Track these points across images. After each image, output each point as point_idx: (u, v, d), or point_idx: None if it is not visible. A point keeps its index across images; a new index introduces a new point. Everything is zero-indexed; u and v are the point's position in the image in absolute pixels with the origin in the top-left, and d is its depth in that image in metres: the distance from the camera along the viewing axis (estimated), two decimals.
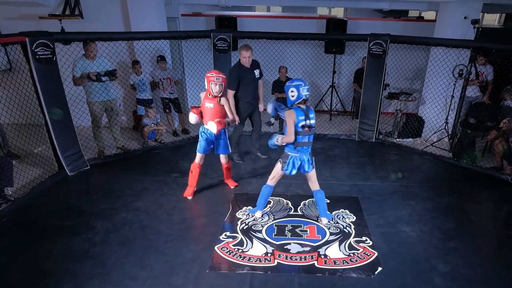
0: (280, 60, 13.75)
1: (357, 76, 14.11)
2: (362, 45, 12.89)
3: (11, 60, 12.05)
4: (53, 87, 9.17)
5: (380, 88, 11.90)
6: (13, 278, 6.21)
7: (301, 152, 7.35)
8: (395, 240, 7.35)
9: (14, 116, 9.04)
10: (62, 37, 9.55)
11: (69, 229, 7.52)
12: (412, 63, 12.48)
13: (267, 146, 7.64)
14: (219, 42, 11.68)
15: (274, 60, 13.56)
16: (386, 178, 9.91)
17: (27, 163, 9.72)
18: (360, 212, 8.27)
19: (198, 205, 8.60)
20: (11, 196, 8.59)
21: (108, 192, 8.97)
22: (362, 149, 11.89)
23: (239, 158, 10.83)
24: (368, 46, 11.67)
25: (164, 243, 7.18)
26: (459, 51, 10.99)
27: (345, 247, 7.09)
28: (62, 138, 9.58)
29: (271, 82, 13.38)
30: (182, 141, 12.21)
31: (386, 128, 13.29)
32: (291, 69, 13.62)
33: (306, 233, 7.57)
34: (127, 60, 12.60)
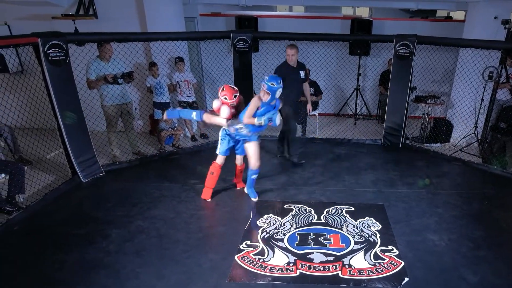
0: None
1: (382, 79, 14.00)
2: (388, 46, 12.86)
3: (23, 62, 12.11)
4: (67, 90, 9.14)
5: (406, 91, 11.76)
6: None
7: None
8: (422, 249, 7.25)
9: (26, 121, 9.08)
10: (75, 38, 9.57)
11: (82, 238, 7.47)
12: (440, 65, 12.37)
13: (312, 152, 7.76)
14: (239, 43, 11.61)
15: None
16: (413, 184, 9.78)
17: (39, 169, 9.66)
18: (386, 220, 8.18)
19: (217, 213, 8.56)
20: (22, 203, 8.57)
21: (123, 199, 8.93)
22: (388, 155, 11.81)
23: (298, 158, 10.91)
24: (394, 47, 11.52)
25: (181, 252, 7.11)
26: (489, 52, 10.91)
27: (371, 257, 7.01)
28: (76, 143, 9.55)
29: None
30: (201, 146, 12.18)
31: (413, 132, 13.21)
32: (314, 71, 13.50)
33: (330, 242, 7.47)
34: (144, 62, 12.59)
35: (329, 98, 14.78)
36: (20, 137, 9.83)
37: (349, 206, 8.69)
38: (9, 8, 12.33)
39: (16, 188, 8.41)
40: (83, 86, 10.01)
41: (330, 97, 14.99)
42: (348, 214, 8.41)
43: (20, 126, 9.52)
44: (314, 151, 11.70)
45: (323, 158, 11.30)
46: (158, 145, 12.04)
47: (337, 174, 10.28)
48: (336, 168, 10.58)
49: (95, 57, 10.20)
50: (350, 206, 8.65)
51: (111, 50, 10.22)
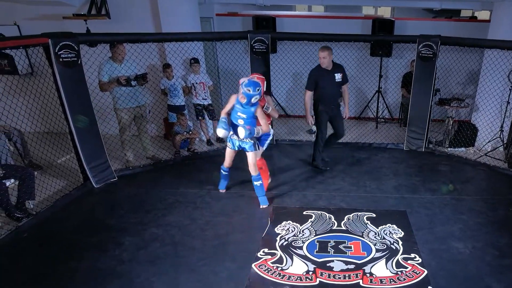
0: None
1: (405, 81, 13.90)
2: (411, 47, 12.76)
3: (33, 63, 12.08)
4: (78, 93, 9.09)
5: (430, 94, 11.67)
6: None
7: None
8: (446, 257, 7.17)
9: (36, 124, 9.07)
10: (87, 38, 9.50)
11: (95, 246, 7.41)
12: (465, 67, 12.30)
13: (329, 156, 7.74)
14: (257, 44, 11.54)
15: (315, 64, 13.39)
16: (436, 190, 9.70)
17: (50, 174, 9.63)
18: (409, 227, 8.09)
19: (234, 220, 8.44)
20: (32, 209, 8.53)
21: (137, 205, 8.87)
22: (410, 159, 11.71)
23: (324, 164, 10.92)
24: (417, 48, 11.44)
25: (197, 260, 7.05)
26: None
27: (393, 265, 6.93)
28: (88, 147, 9.50)
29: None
30: (217, 150, 12.09)
31: (436, 136, 13.11)
32: None
33: (351, 249, 7.39)
34: (158, 64, 12.54)
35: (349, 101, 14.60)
36: (30, 141, 9.77)
37: (370, 213, 8.61)
38: (18, 8, 12.28)
39: (26, 194, 8.38)
40: (95, 89, 9.96)
41: (351, 100, 14.76)
42: (369, 221, 8.34)
43: (30, 130, 9.50)
44: (334, 156, 11.54)
45: (344, 162, 11.21)
46: (173, 150, 11.96)
47: (358, 179, 10.22)
48: (357, 173, 10.52)
49: (107, 58, 10.14)
50: (372, 213, 8.57)
51: (124, 51, 10.15)
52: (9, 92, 8.43)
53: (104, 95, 10.36)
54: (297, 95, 14.41)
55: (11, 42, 7.97)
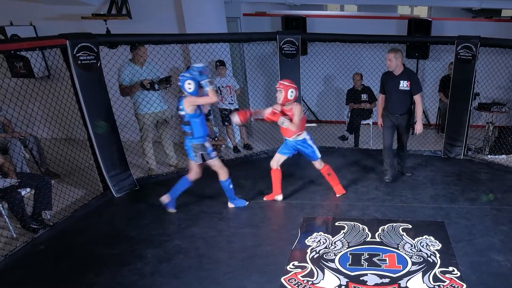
0: (355, 66, 13.67)
1: (443, 84, 13.80)
2: (449, 49, 12.65)
3: (49, 66, 12.17)
4: (98, 97, 9.06)
5: (469, 98, 11.57)
6: None
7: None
8: (486, 270, 7.06)
9: (53, 130, 9.10)
10: (107, 39, 9.50)
11: (115, 258, 7.36)
12: (506, 69, 12.22)
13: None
14: (286, 45, 11.46)
15: (348, 66, 13.51)
16: (476, 200, 9.57)
17: (67, 183, 9.65)
18: (447, 239, 7.98)
19: (262, 231, 8.39)
20: (49, 220, 8.51)
21: (159, 216, 8.80)
22: (448, 167, 11.60)
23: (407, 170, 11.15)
24: (456, 50, 11.32)
25: (223, 274, 6.97)
26: None
27: (430, 279, 6.83)
28: (108, 154, 9.48)
29: (345, 91, 13.32)
30: (244, 158, 12.09)
31: (476, 143, 13.04)
32: (367, 76, 13.45)
33: (385, 262, 7.31)
34: (181, 66, 12.42)
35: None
36: (47, 148, 9.71)
37: (406, 224, 8.54)
38: (35, 7, 12.27)
39: (43, 204, 8.37)
40: (115, 92, 9.95)
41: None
42: (405, 232, 8.25)
43: (46, 136, 9.52)
44: (368, 163, 11.58)
45: (378, 171, 11.09)
46: None
47: (392, 188, 10.14)
48: (391, 181, 10.43)
49: (128, 60, 10.13)
50: (407, 224, 8.51)
51: (145, 53, 10.14)
52: (25, 96, 8.34)
53: (125, 100, 10.30)
54: (328, 100, 14.43)
55: (27, 43, 7.95)
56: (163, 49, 10.53)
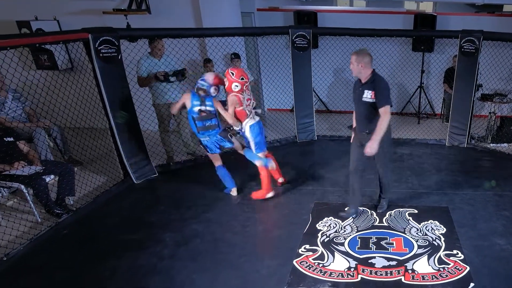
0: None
1: (447, 76, 13.78)
2: (453, 43, 12.59)
3: (73, 58, 12.11)
4: (118, 88, 9.07)
5: (472, 89, 11.58)
6: None
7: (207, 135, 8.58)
8: (489, 254, 7.10)
9: (76, 120, 9.07)
10: (128, 33, 9.50)
11: (135, 243, 7.38)
12: (507, 62, 12.25)
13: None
14: (298, 39, 11.45)
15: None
16: (479, 186, 9.55)
17: (90, 170, 9.66)
18: (451, 224, 8.03)
19: (274, 216, 8.44)
20: (72, 206, 8.51)
21: (177, 202, 8.81)
22: (452, 155, 11.61)
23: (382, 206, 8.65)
24: (459, 43, 11.32)
25: (238, 257, 7.00)
26: None
27: (435, 261, 6.89)
28: (128, 143, 9.49)
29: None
30: None
31: (479, 132, 12.95)
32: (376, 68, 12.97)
33: (392, 246, 7.37)
34: (198, 59, 12.45)
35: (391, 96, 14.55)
36: (70, 137, 9.79)
37: (412, 209, 8.56)
38: (58, 3, 12.25)
39: (66, 190, 8.40)
40: (135, 84, 9.96)
41: (393, 95, 14.55)
42: (411, 217, 8.28)
43: (70, 125, 9.50)
44: None
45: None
46: None
47: (399, 175, 10.11)
48: (398, 169, 10.41)
49: (147, 53, 10.12)
50: (414, 209, 8.52)
51: (163, 47, 10.12)
52: (49, 87, 8.36)
53: (144, 91, 10.33)
54: (338, 91, 14.47)
55: (51, 37, 8.00)
56: (181, 43, 10.49)
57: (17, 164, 8.00)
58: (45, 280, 6.45)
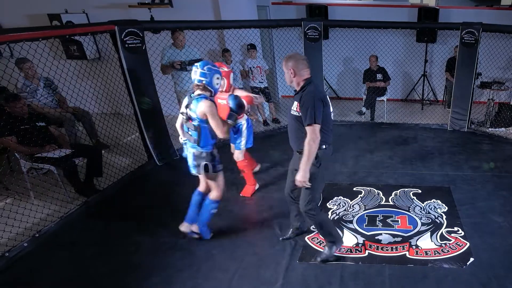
0: (371, 49, 13.68)
1: (449, 65, 13.74)
2: (454, 34, 12.60)
3: (100, 49, 12.18)
4: (143, 76, 9.08)
5: (472, 77, 11.58)
6: (101, 271, 6.08)
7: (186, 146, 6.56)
8: (487, 230, 7.15)
9: (103, 106, 9.10)
10: (151, 25, 9.61)
11: (158, 221, 7.41)
12: (505, 52, 12.20)
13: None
14: (310, 31, 11.44)
15: (365, 49, 13.59)
16: (478, 168, 9.64)
17: (116, 153, 9.69)
18: (452, 203, 8.05)
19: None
20: (100, 186, 8.53)
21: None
22: (454, 139, 11.60)
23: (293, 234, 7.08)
24: (460, 34, 11.32)
25: (253, 234, 7.07)
26: None
27: (437, 238, 6.93)
28: (152, 127, 9.52)
29: (362, 71, 13.32)
30: (273, 130, 12.07)
31: (478, 117, 12.94)
32: (382, 58, 13.42)
33: (398, 223, 7.41)
34: (217, 49, 12.51)
35: (397, 84, 14.60)
36: (98, 122, 9.70)
37: (416, 189, 8.57)
38: None
39: (94, 171, 8.44)
40: (158, 72, 10.02)
41: (398, 83, 14.84)
42: (415, 197, 8.30)
43: (97, 111, 9.53)
44: (382, 136, 11.58)
45: (391, 142, 11.13)
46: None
47: (404, 157, 10.13)
48: (403, 151, 10.44)
49: (170, 44, 10.19)
50: (417, 189, 8.53)
51: (184, 38, 10.19)
52: (78, 75, 8.46)
53: (167, 78, 10.40)
54: (347, 79, 14.64)
55: (80, 29, 8.05)
56: (201, 34, 10.52)
57: (49, 147, 8.04)
58: (76, 255, 6.49)
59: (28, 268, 6.26)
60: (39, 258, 6.46)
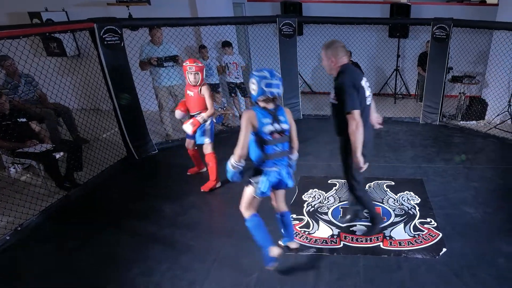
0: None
1: (421, 60, 13.87)
2: (426, 29, 12.57)
3: (80, 46, 12.13)
4: (121, 73, 9.08)
5: (443, 72, 11.64)
6: (82, 263, 6.12)
7: (277, 165, 5.51)
8: (459, 221, 7.20)
9: (82, 102, 9.08)
10: (129, 23, 9.55)
11: (137, 213, 7.43)
12: (475, 47, 12.36)
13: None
14: (285, 27, 11.47)
15: None
16: (450, 160, 9.66)
17: (95, 147, 9.54)
18: (425, 194, 8.08)
19: None
20: (80, 180, 8.54)
21: (176, 176, 8.87)
22: (426, 132, 11.65)
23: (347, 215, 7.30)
24: (432, 30, 11.40)
25: (231, 225, 7.02)
26: None
27: (410, 229, 6.96)
28: (130, 122, 9.52)
29: None
30: None
31: (449, 110, 13.05)
32: (356, 53, 13.53)
33: None
34: (194, 45, 12.54)
35: (370, 79, 14.48)
36: (77, 118, 9.74)
37: (389, 181, 8.60)
38: None
39: (74, 166, 8.44)
40: (137, 69, 10.01)
41: (371, 78, 14.88)
42: (389, 188, 8.33)
43: (77, 107, 9.51)
44: None
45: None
46: None
47: (378, 150, 10.10)
48: (377, 144, 10.35)
49: (148, 41, 10.22)
50: (391, 181, 8.56)
51: (161, 35, 10.24)
52: (58, 72, 8.46)
53: (145, 74, 10.40)
54: (321, 74, 14.60)
55: (60, 26, 8.13)
56: (178, 31, 10.54)
57: (30, 142, 8.06)
58: (57, 248, 6.51)
59: (10, 260, 6.29)
60: (21, 251, 6.48)
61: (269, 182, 5.50)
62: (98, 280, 5.81)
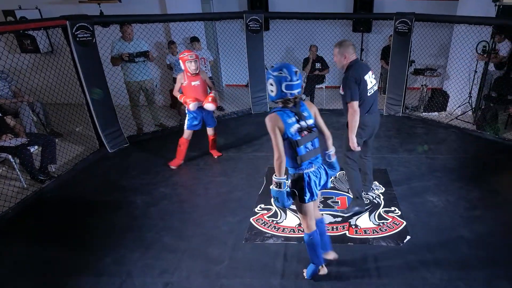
0: (310, 39, 13.75)
1: (384, 53, 13.91)
2: (388, 24, 12.62)
3: (53, 43, 12.17)
4: (93, 68, 9.12)
5: (406, 65, 11.76)
6: (56, 253, 6.16)
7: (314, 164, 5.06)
8: (423, 210, 7.27)
9: (56, 96, 9.05)
10: (101, 20, 9.56)
11: (110, 204, 7.49)
12: (437, 40, 12.53)
13: None
14: (251, 22, 11.51)
15: (304, 39, 13.69)
16: (413, 150, 9.75)
17: (69, 141, 9.64)
18: (389, 184, 8.16)
19: (233, 179, 8.45)
20: (54, 173, 8.58)
21: (147, 168, 8.92)
22: (389, 123, 11.72)
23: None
24: (394, 24, 11.50)
25: (201, 216, 7.10)
26: (481, 28, 11.01)
27: (375, 217, 7.03)
28: (103, 116, 9.55)
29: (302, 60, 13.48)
30: (218, 118, 11.87)
31: (412, 102, 13.13)
32: (321, 47, 13.50)
33: (338, 204, 7.49)
34: (164, 41, 12.61)
35: (335, 72, 14.65)
36: (51, 112, 9.87)
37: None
38: None
39: (48, 159, 8.47)
40: (108, 64, 10.03)
41: (336, 71, 14.78)
42: None
43: (51, 101, 9.47)
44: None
45: (330, 127, 10.63)
46: (178, 118, 11.99)
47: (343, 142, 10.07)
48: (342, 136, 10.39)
49: (119, 37, 10.20)
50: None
51: (132, 31, 10.21)
52: (32, 68, 8.46)
53: (117, 70, 10.40)
54: None
55: (33, 24, 8.11)
56: (148, 27, 10.61)
57: (5, 136, 8.08)
58: (32, 239, 6.55)
59: None
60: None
61: (313, 182, 5.03)
62: (71, 269, 5.88)
